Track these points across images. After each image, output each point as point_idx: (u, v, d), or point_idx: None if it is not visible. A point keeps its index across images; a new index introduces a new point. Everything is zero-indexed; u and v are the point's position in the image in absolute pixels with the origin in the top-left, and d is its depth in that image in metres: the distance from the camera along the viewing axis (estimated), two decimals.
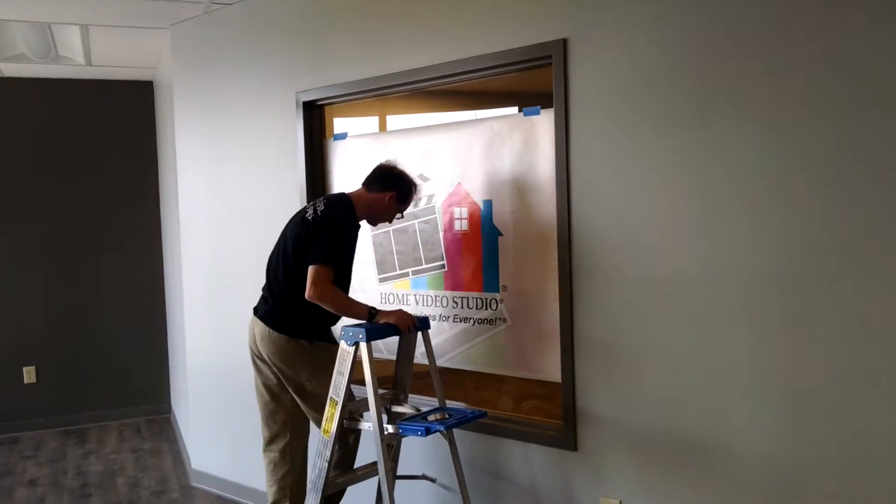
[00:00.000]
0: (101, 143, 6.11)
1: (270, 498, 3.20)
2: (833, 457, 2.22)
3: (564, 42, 2.71)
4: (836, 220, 2.17)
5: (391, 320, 2.85)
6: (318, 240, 2.85)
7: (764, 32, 2.27)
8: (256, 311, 3.11)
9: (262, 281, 4.16)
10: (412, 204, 3.16)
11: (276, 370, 3.05)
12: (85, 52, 5.07)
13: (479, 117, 3.19)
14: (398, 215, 3.11)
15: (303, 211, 3.04)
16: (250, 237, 4.11)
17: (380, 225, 3.35)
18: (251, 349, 3.13)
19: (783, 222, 2.26)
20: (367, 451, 3.30)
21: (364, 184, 3.07)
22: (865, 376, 2.14)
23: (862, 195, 2.12)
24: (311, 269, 2.81)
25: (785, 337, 2.28)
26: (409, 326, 2.88)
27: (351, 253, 3.00)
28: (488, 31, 2.94)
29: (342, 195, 3.06)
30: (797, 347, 2.26)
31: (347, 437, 3.11)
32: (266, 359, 3.05)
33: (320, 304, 2.82)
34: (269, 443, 3.20)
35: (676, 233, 2.50)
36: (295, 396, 3.08)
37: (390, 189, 3.02)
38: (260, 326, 3.04)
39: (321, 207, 2.95)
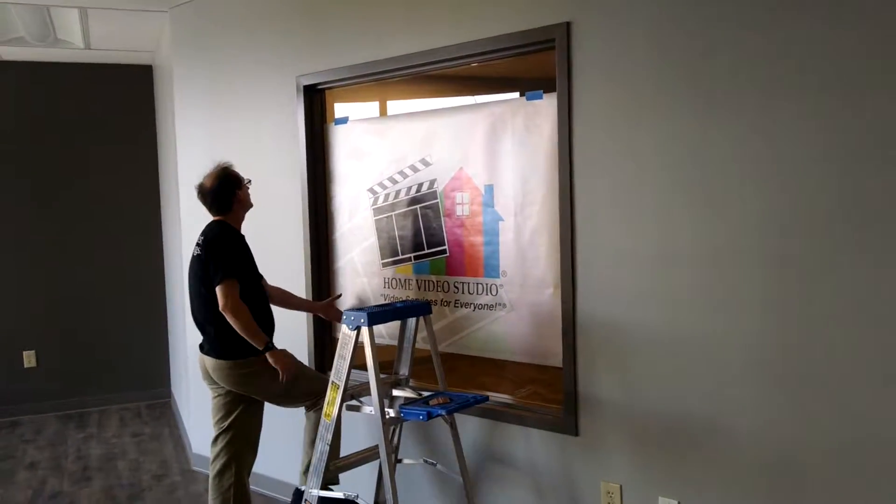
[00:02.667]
0: (100, 128, 6.09)
1: None
2: (833, 441, 2.22)
3: (568, 25, 2.70)
4: (839, 204, 2.16)
5: (274, 362, 3.06)
6: (212, 264, 3.05)
7: (767, 16, 2.26)
8: (202, 347, 3.25)
9: (263, 266, 4.17)
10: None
11: (238, 392, 3.24)
12: (84, 35, 5.04)
13: (480, 102, 3.18)
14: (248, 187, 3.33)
15: (193, 252, 3.25)
16: (251, 222, 4.09)
17: (383, 210, 3.34)
18: (204, 379, 3.31)
19: (785, 205, 2.26)
20: (369, 435, 3.31)
21: (220, 205, 3.24)
22: (867, 361, 2.15)
23: (866, 179, 2.12)
24: (217, 289, 3.00)
25: (786, 321, 2.29)
26: (288, 374, 3.08)
27: (248, 260, 3.21)
28: (490, 15, 2.92)
29: (214, 223, 3.24)
30: (798, 332, 2.26)
31: (225, 488, 3.25)
32: (222, 386, 3.23)
33: (231, 319, 3.00)
34: (216, 456, 3.30)
35: (678, 216, 2.49)
36: (272, 403, 3.32)
37: (236, 184, 3.25)
38: (210, 361, 3.18)
39: (201, 240, 3.18)
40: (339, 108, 3.77)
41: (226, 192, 3.20)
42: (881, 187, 2.09)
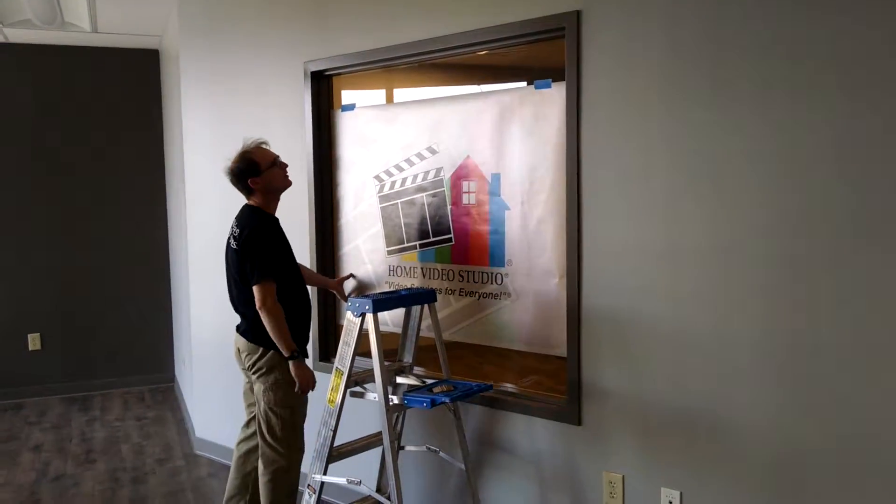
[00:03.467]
0: (106, 112, 6.09)
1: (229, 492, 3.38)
2: (837, 438, 2.22)
3: (578, 14, 2.68)
4: (849, 199, 2.16)
5: (295, 372, 3.00)
6: (249, 263, 2.97)
7: (781, 9, 2.24)
8: (238, 328, 3.19)
9: None
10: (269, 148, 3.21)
11: (250, 379, 3.21)
12: (91, 18, 5.02)
13: (488, 90, 3.17)
14: (283, 168, 3.17)
15: (229, 239, 3.16)
16: None
17: (389, 198, 3.35)
18: (237, 361, 3.26)
19: (794, 200, 2.25)
20: (372, 422, 3.32)
21: (244, 186, 3.12)
22: (873, 358, 2.15)
23: (876, 173, 2.11)
24: (254, 289, 2.95)
25: (793, 316, 2.28)
26: (303, 389, 3.03)
27: (286, 252, 3.12)
28: (500, 3, 2.90)
29: (246, 209, 3.14)
30: (805, 327, 2.26)
31: (247, 472, 3.30)
32: (244, 368, 3.20)
33: (265, 319, 2.94)
34: (245, 438, 3.36)
35: (686, 209, 2.49)
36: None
37: (257, 166, 3.10)
38: (242, 342, 3.14)
39: (237, 231, 3.07)
40: (347, 95, 3.76)
41: (241, 178, 3.10)
42: (890, 187, 2.08)
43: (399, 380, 3.01)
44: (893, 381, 2.12)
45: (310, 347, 3.85)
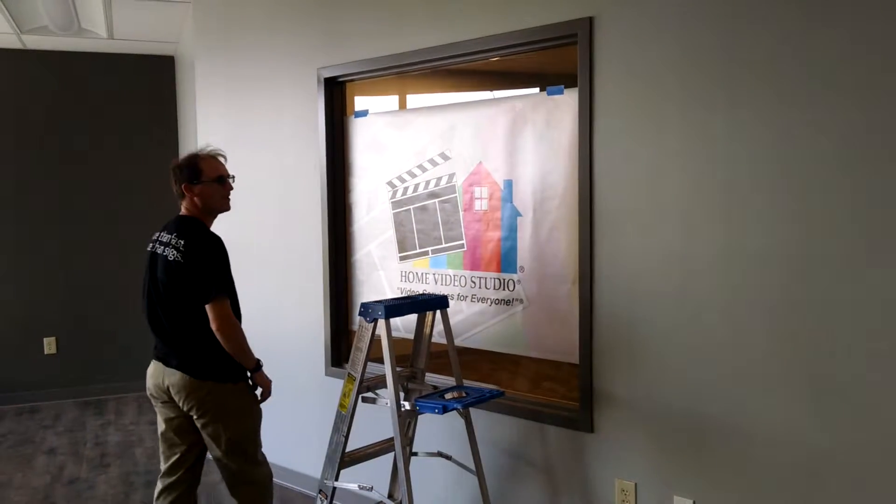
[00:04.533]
0: (121, 118, 6.14)
1: None
2: (851, 444, 2.20)
3: (591, 21, 2.68)
4: (864, 204, 2.14)
5: (260, 381, 2.85)
6: (202, 277, 2.68)
7: (790, 12, 2.23)
8: (165, 361, 2.79)
9: (281, 258, 4.18)
10: (222, 160, 2.92)
11: (193, 417, 2.82)
12: (107, 24, 5.07)
13: (501, 97, 3.17)
14: (227, 189, 2.90)
15: (155, 254, 2.81)
16: (270, 213, 4.12)
17: (402, 204, 3.35)
18: (153, 394, 2.88)
19: (808, 205, 2.24)
20: (385, 428, 3.32)
21: (178, 190, 2.88)
22: (885, 363, 2.12)
23: (890, 179, 2.09)
24: (209, 307, 2.67)
25: (807, 323, 2.26)
26: (266, 396, 2.88)
27: (230, 269, 2.83)
28: (512, 9, 2.91)
29: (187, 220, 2.83)
30: (820, 334, 2.24)
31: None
32: (182, 406, 2.80)
33: (224, 340, 2.69)
34: (167, 488, 2.94)
35: (699, 214, 2.47)
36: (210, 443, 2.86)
37: (199, 173, 2.83)
38: (179, 378, 2.75)
39: (181, 243, 2.72)
40: (360, 101, 3.77)
41: (178, 180, 2.85)
42: None
43: (411, 385, 3.01)
44: None
45: (320, 353, 3.89)
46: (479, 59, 3.12)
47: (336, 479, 2.88)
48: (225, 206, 2.91)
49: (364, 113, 3.65)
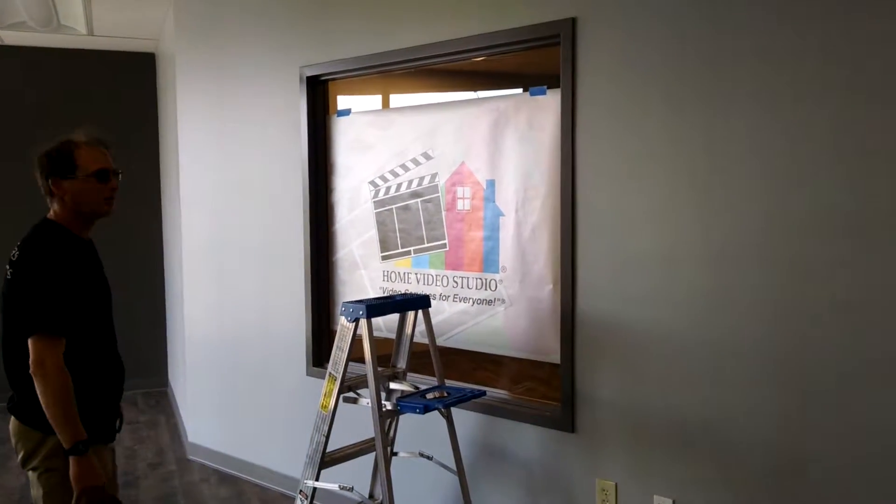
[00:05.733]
0: (102, 115, 6.07)
1: None
2: (836, 444, 2.22)
3: (573, 21, 2.69)
4: (849, 202, 2.16)
5: (76, 475, 2.05)
6: (23, 303, 2.06)
7: (769, 14, 2.25)
8: (8, 402, 2.24)
9: (262, 257, 4.16)
10: (100, 150, 2.31)
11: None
12: (87, 21, 5.02)
13: (483, 96, 3.17)
14: (109, 188, 2.28)
15: (4, 269, 2.21)
16: (251, 212, 4.10)
17: (384, 203, 3.35)
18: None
19: (792, 204, 2.26)
20: (365, 428, 3.31)
21: (45, 184, 2.23)
22: (870, 362, 2.15)
23: (877, 176, 2.11)
24: (31, 343, 2.03)
25: (789, 323, 2.28)
26: (81, 495, 2.05)
27: (92, 292, 2.22)
28: (496, 9, 2.91)
29: (39, 228, 2.21)
30: (802, 334, 2.26)
31: None
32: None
33: (40, 388, 2.02)
34: None
35: (681, 215, 2.49)
36: None
37: (73, 165, 2.21)
38: (12, 421, 2.22)
39: (14, 254, 2.14)
40: (342, 100, 3.76)
41: (44, 170, 2.21)
42: (890, 190, 2.09)
43: (393, 385, 3.00)
44: (893, 387, 2.12)
45: (301, 353, 3.86)
46: (463, 58, 3.12)
47: (317, 480, 2.87)
48: (102, 209, 2.27)
49: (347, 112, 3.64)
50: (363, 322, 2.74)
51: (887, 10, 2.05)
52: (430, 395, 2.80)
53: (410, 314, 3.06)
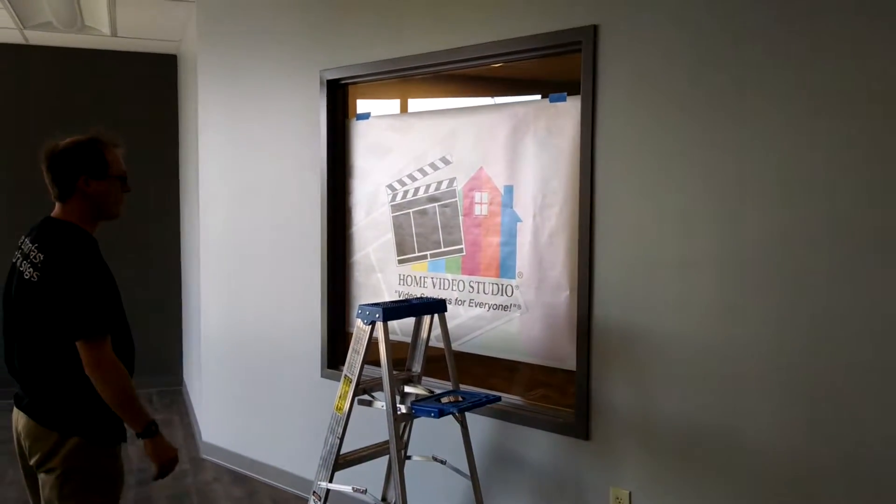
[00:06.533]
0: (122, 116, 6.13)
1: None
2: (850, 455, 2.20)
3: (595, 28, 2.69)
4: (865, 213, 2.14)
5: (153, 453, 2.16)
6: (67, 306, 2.04)
7: (800, 22, 2.24)
8: (20, 402, 2.20)
9: (279, 258, 4.17)
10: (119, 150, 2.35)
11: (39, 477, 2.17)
12: (111, 22, 5.08)
13: (503, 102, 3.18)
14: (125, 191, 2.35)
15: (15, 267, 2.19)
16: (269, 214, 4.12)
17: (401, 207, 3.36)
18: (17, 450, 2.25)
19: (810, 214, 2.24)
20: (380, 430, 3.32)
21: (68, 184, 2.22)
22: (886, 375, 2.13)
23: (890, 190, 2.09)
24: (81, 347, 2.03)
25: (806, 331, 2.27)
26: (164, 472, 2.20)
27: (113, 287, 2.19)
28: (516, 15, 2.92)
29: (58, 226, 2.19)
30: (817, 343, 2.25)
31: None
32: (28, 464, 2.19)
33: (101, 386, 2.05)
34: None
35: (699, 223, 2.48)
36: None
37: (106, 165, 2.25)
38: (31, 426, 2.14)
39: (40, 258, 2.09)
40: (362, 104, 3.78)
41: (73, 170, 2.18)
42: None
43: (407, 389, 3.00)
44: None
45: (317, 355, 3.87)
46: (482, 64, 3.13)
47: (330, 481, 2.88)
48: (118, 212, 2.32)
49: (366, 116, 3.66)
50: (379, 325, 2.75)
51: None
52: (444, 400, 2.81)
53: (426, 318, 3.07)
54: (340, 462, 2.91)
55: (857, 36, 2.13)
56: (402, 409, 2.76)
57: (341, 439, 2.86)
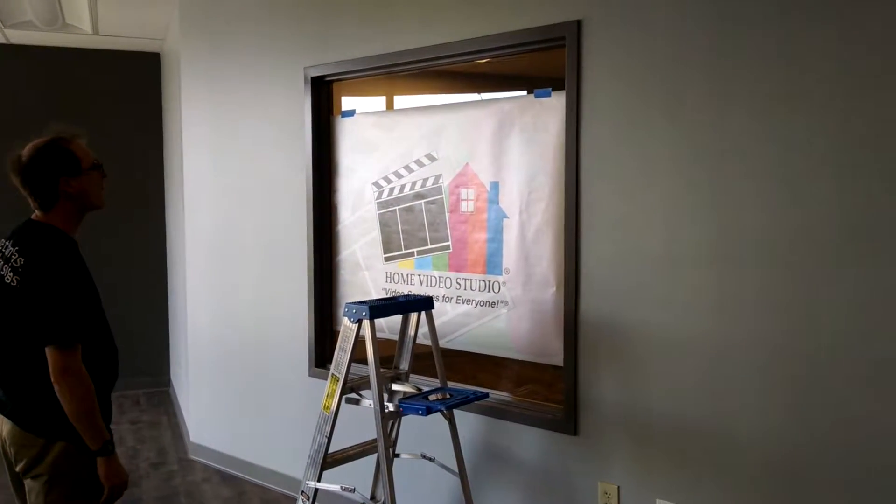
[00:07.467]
0: (106, 114, 6.08)
1: None
2: (835, 445, 2.22)
3: (578, 24, 2.69)
4: (847, 206, 2.15)
5: (105, 474, 2.09)
6: (40, 311, 2.02)
7: (783, 17, 2.24)
8: (2, 407, 2.17)
9: (265, 257, 4.15)
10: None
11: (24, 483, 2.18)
12: (92, 20, 5.03)
13: (488, 98, 3.17)
14: (102, 177, 2.33)
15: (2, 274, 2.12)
16: (254, 212, 4.10)
17: (387, 204, 3.34)
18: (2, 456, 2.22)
19: (793, 208, 2.25)
20: (368, 429, 3.31)
21: (48, 190, 2.17)
22: (870, 365, 2.14)
23: (874, 183, 2.10)
24: (49, 352, 2.01)
25: (790, 324, 2.28)
26: (113, 496, 2.12)
27: (93, 292, 2.19)
28: (501, 11, 2.91)
29: (38, 229, 2.16)
30: (802, 334, 2.26)
31: None
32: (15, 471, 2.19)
33: (63, 396, 2.01)
34: None
35: (684, 217, 2.48)
36: None
37: (77, 162, 2.22)
38: (11, 429, 2.13)
39: (20, 262, 2.07)
40: (347, 101, 3.76)
41: (49, 175, 2.14)
42: (887, 194, 2.08)
43: (395, 387, 3.00)
44: (892, 387, 2.11)
45: (304, 354, 3.86)
46: (467, 60, 3.12)
47: (318, 481, 2.87)
48: (101, 202, 2.30)
49: (351, 113, 3.64)
50: (366, 323, 2.74)
51: (888, 15, 2.05)
52: (432, 397, 2.80)
53: (413, 316, 3.06)
54: (329, 461, 2.90)
55: (845, 29, 2.14)
56: (390, 406, 2.75)
57: (329, 438, 2.85)
